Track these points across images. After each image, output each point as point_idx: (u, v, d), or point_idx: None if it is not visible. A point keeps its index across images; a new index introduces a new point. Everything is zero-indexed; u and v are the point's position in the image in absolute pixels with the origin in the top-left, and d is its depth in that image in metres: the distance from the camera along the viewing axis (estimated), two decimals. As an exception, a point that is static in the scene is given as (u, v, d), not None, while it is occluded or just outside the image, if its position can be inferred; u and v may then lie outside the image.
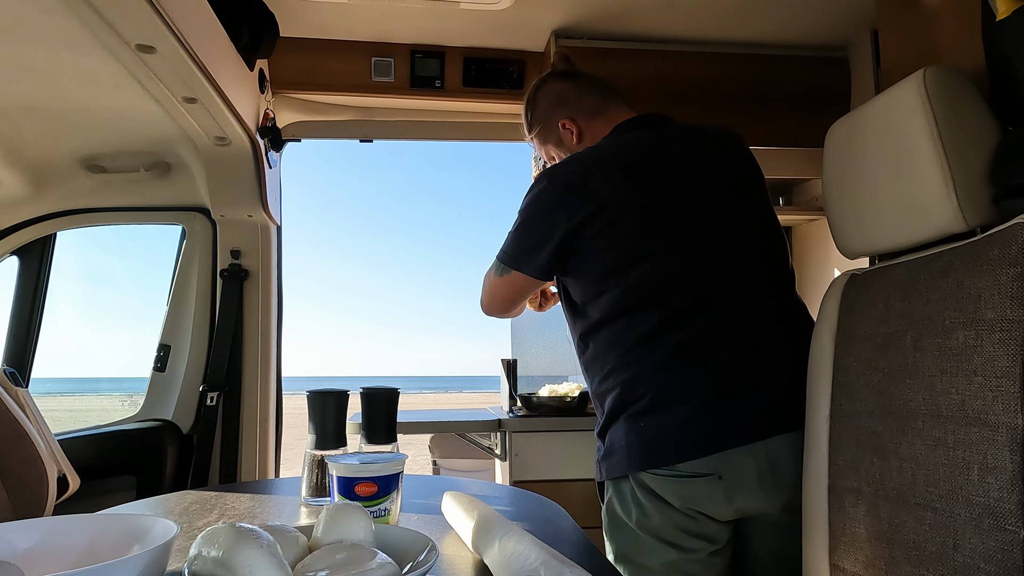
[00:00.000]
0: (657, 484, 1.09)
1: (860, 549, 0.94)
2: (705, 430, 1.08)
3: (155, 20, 1.04)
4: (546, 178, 1.22)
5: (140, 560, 0.51)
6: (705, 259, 1.16)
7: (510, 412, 2.03)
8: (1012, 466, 0.74)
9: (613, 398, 1.16)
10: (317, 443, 1.01)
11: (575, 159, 1.23)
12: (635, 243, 1.15)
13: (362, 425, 1.03)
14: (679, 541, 1.10)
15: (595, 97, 1.37)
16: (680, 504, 1.09)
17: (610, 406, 1.16)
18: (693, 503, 1.09)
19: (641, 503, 1.12)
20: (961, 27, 1.03)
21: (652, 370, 1.12)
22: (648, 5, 1.76)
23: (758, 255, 1.20)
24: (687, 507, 1.09)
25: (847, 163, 1.09)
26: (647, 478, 1.10)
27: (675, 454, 1.08)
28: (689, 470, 1.07)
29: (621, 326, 1.16)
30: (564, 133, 1.37)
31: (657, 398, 1.10)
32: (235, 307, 1.92)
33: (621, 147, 1.23)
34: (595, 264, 1.17)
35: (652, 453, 1.09)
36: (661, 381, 1.11)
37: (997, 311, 0.78)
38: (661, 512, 1.10)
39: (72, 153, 1.73)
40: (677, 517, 1.10)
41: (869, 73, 1.92)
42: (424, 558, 0.62)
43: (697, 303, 1.13)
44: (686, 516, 1.10)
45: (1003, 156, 0.89)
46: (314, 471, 1.01)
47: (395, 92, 1.97)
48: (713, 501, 1.08)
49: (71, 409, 14.10)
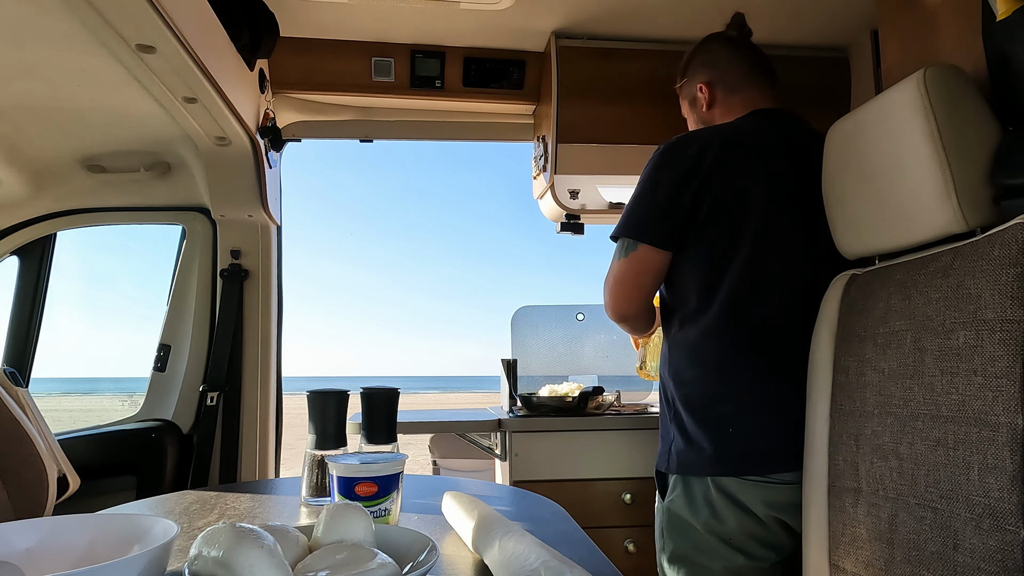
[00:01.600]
0: (742, 489, 1.10)
1: (860, 549, 0.94)
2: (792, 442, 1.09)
3: (155, 20, 1.04)
4: (675, 146, 1.22)
5: (140, 560, 0.51)
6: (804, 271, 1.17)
7: (510, 412, 2.03)
8: (1012, 466, 0.74)
9: (701, 395, 1.15)
10: (317, 443, 1.01)
11: (710, 132, 1.23)
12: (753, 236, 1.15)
13: (362, 425, 1.03)
14: (749, 548, 1.11)
15: (741, 72, 1.36)
16: (763, 512, 1.09)
17: (695, 402, 1.15)
18: (777, 510, 1.09)
19: (715, 506, 1.11)
20: (961, 27, 1.03)
21: (748, 375, 1.13)
22: (648, 5, 1.76)
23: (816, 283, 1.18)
24: (769, 514, 1.09)
25: (847, 163, 1.09)
26: (730, 482, 1.10)
27: (771, 464, 1.09)
28: (779, 478, 1.09)
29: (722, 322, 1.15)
30: (699, 96, 1.38)
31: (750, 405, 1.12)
32: (235, 307, 1.92)
33: (758, 131, 1.24)
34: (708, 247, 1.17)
35: (742, 461, 1.10)
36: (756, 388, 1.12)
37: (997, 311, 0.78)
38: (737, 518, 1.10)
39: (72, 153, 1.73)
40: (752, 524, 1.10)
41: (869, 73, 1.92)
42: (424, 558, 0.62)
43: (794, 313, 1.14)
44: (762, 524, 1.10)
45: (1003, 156, 0.89)
46: (314, 471, 1.01)
47: (395, 92, 1.97)
48: (797, 509, 1.09)
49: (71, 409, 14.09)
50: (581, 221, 2.06)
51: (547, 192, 1.98)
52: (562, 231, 2.07)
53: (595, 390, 1.99)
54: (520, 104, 2.04)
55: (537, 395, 2.01)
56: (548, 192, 1.97)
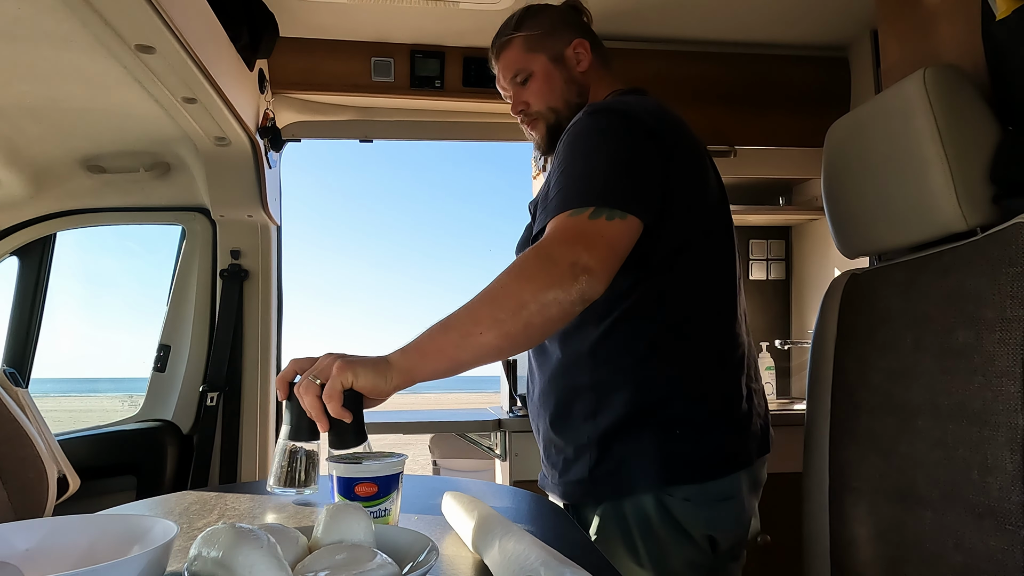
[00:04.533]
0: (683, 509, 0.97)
1: (860, 549, 0.94)
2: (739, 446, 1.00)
3: (155, 20, 1.04)
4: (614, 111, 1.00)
5: (140, 561, 0.51)
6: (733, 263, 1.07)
7: (510, 412, 2.03)
8: (1012, 466, 0.74)
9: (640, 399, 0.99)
10: (291, 433, 1.00)
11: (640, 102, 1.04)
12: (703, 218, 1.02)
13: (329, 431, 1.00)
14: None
15: (606, 52, 1.24)
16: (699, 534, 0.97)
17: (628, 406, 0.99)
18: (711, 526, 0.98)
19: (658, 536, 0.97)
20: (961, 27, 1.03)
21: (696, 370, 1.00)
22: (649, 5, 1.76)
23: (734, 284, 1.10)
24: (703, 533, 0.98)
25: (847, 163, 1.09)
26: (673, 503, 0.96)
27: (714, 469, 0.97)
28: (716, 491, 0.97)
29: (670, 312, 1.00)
30: (571, 55, 1.18)
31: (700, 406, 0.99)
32: (235, 307, 1.92)
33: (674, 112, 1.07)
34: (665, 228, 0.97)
35: (689, 466, 0.97)
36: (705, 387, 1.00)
37: (997, 311, 0.78)
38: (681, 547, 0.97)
39: (72, 153, 1.73)
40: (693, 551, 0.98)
41: (869, 73, 1.92)
42: (424, 558, 0.62)
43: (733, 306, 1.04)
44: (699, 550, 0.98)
45: (1003, 156, 0.89)
46: (286, 460, 1.00)
47: (395, 92, 1.97)
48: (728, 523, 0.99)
49: (71, 409, 14.08)
50: (581, 221, 2.06)
51: (547, 192, 1.98)
52: (562, 231, 2.07)
53: (595, 390, 1.99)
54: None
55: (537, 395, 2.01)
56: (548, 192, 1.97)
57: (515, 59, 1.21)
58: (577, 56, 1.19)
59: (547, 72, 1.19)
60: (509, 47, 1.22)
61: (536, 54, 1.19)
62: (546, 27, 1.20)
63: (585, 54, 1.19)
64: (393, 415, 2.12)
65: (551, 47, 1.19)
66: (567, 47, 1.19)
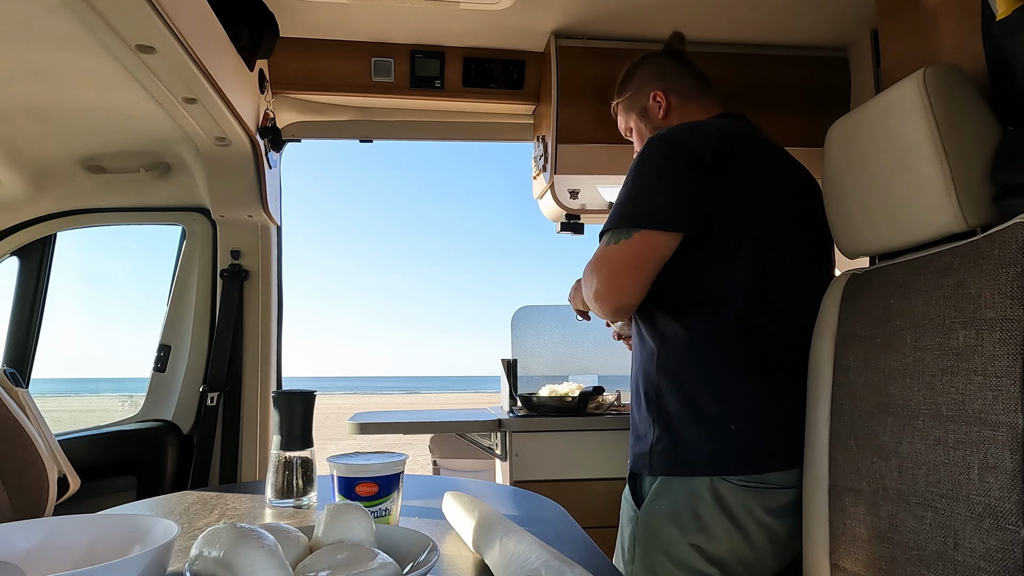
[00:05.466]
0: (737, 495, 1.06)
1: (860, 549, 0.94)
2: (797, 441, 1.09)
3: (155, 20, 1.04)
4: (669, 139, 1.14)
5: (141, 560, 0.51)
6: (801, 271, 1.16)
7: (510, 412, 2.03)
8: (1012, 465, 0.74)
9: (700, 393, 1.10)
10: (283, 444, 1.01)
11: (697, 126, 1.18)
12: (757, 229, 1.12)
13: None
14: (730, 567, 1.08)
15: (692, 82, 1.37)
16: (753, 524, 1.07)
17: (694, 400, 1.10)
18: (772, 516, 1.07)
19: (703, 517, 1.07)
20: (961, 27, 1.03)
21: (754, 373, 1.11)
22: (648, 5, 1.76)
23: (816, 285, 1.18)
24: (759, 526, 1.07)
25: (847, 163, 1.09)
26: (725, 487, 1.07)
27: (768, 463, 1.08)
28: (776, 481, 1.08)
29: (727, 319, 1.10)
30: (652, 105, 1.36)
31: (757, 403, 1.10)
32: (235, 307, 1.92)
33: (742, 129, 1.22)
34: (714, 239, 1.11)
35: (743, 458, 1.08)
36: (763, 387, 1.10)
37: (997, 311, 0.78)
38: (727, 532, 1.07)
39: (72, 153, 1.73)
40: (739, 541, 1.07)
41: (869, 73, 1.92)
42: (425, 558, 0.62)
43: (795, 312, 1.13)
44: (749, 541, 1.07)
45: (1003, 156, 0.89)
46: (280, 472, 1.01)
47: (395, 92, 1.97)
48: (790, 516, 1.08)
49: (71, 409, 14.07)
50: (581, 221, 2.06)
51: (547, 192, 1.98)
52: (562, 231, 2.07)
53: (595, 390, 1.99)
54: (520, 104, 2.04)
55: (537, 395, 2.01)
56: (548, 192, 1.98)
57: (620, 120, 1.47)
58: (657, 105, 1.36)
59: (638, 127, 1.41)
60: (618, 110, 1.46)
61: (630, 113, 1.42)
62: (635, 87, 1.40)
63: (663, 100, 1.36)
64: (393, 415, 2.12)
65: (638, 104, 1.40)
66: (649, 101, 1.37)
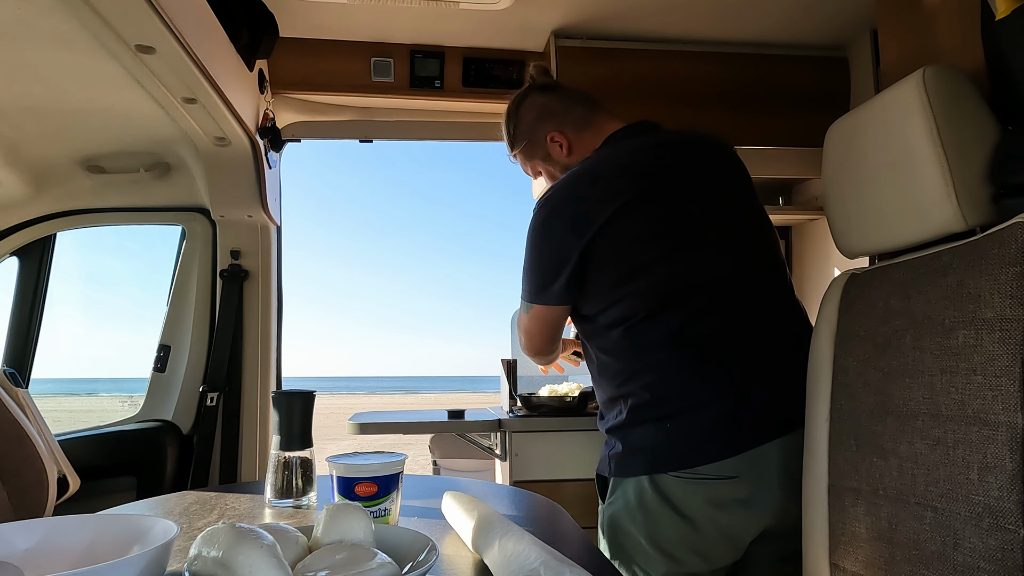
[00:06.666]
0: (679, 488, 1.08)
1: (860, 549, 0.94)
2: (731, 431, 1.09)
3: (155, 20, 1.04)
4: (546, 207, 1.20)
5: (140, 560, 0.51)
6: (714, 261, 1.17)
7: (510, 412, 2.03)
8: (1012, 465, 0.74)
9: (636, 400, 1.14)
10: (283, 444, 1.01)
11: (573, 180, 1.21)
12: (649, 247, 1.15)
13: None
14: (680, 555, 1.10)
15: (582, 109, 1.34)
16: (700, 514, 1.08)
17: (632, 407, 1.15)
18: (717, 508, 1.08)
19: (649, 509, 1.10)
20: (961, 27, 1.03)
21: (678, 372, 1.12)
22: (648, 5, 1.76)
23: (759, 256, 1.21)
24: (706, 516, 1.08)
25: (847, 163, 1.09)
26: (667, 481, 1.09)
27: (702, 455, 1.08)
28: (712, 473, 1.07)
29: (641, 330, 1.15)
30: (553, 147, 1.34)
31: (685, 400, 1.11)
32: (235, 307, 1.92)
33: (618, 157, 1.23)
34: (609, 273, 1.16)
35: (676, 454, 1.09)
36: (688, 383, 1.11)
37: (997, 310, 0.78)
38: (672, 521, 1.09)
39: (72, 153, 1.73)
40: (685, 529, 1.09)
41: (869, 73, 1.92)
42: (424, 558, 0.62)
43: (712, 305, 1.14)
44: (696, 529, 1.09)
45: (1003, 156, 0.89)
46: (280, 472, 1.01)
47: (395, 92, 1.97)
48: (735, 505, 1.08)
49: (71, 409, 14.07)
50: (581, 221, 2.06)
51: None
52: (562, 231, 2.07)
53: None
54: (520, 104, 2.04)
55: (537, 395, 2.01)
56: (548, 192, 1.98)
57: (525, 168, 1.45)
58: (557, 146, 1.34)
59: (546, 169, 1.40)
60: (518, 159, 1.44)
61: (533, 160, 1.40)
62: (527, 135, 1.38)
63: (562, 140, 1.34)
64: (393, 415, 2.12)
65: (538, 150, 1.37)
66: (548, 145, 1.35)
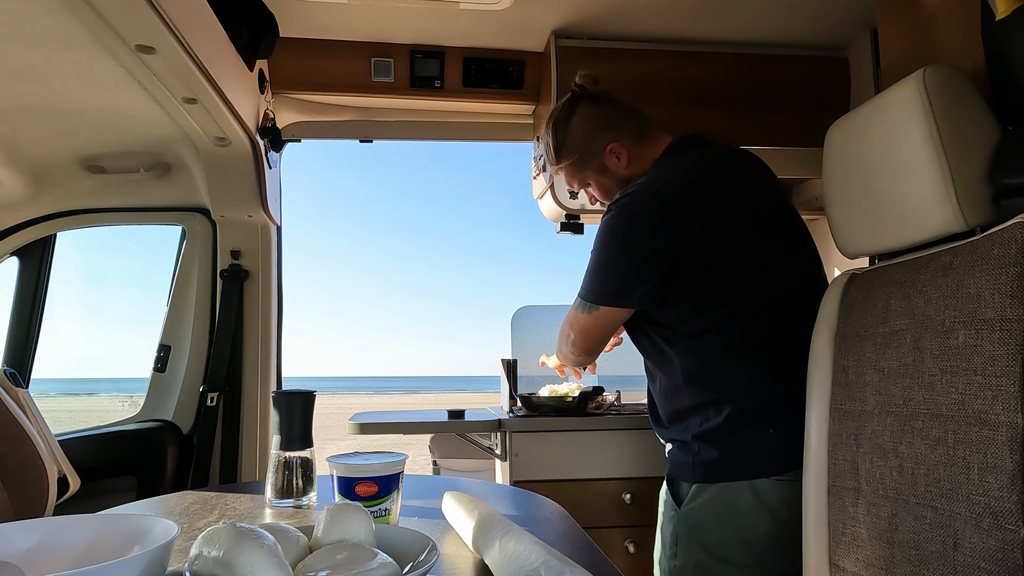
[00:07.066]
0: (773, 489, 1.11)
1: (860, 549, 0.94)
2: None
3: (155, 20, 1.04)
4: (630, 210, 1.18)
5: (140, 560, 0.51)
6: (794, 269, 1.22)
7: (510, 412, 2.03)
8: (1012, 465, 0.74)
9: (734, 406, 1.15)
10: (283, 444, 1.01)
11: (660, 186, 1.19)
12: (744, 256, 1.17)
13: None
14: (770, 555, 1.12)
15: (637, 119, 1.33)
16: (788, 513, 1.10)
17: (730, 414, 1.15)
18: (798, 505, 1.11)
19: (743, 512, 1.12)
20: (961, 27, 1.03)
21: (779, 378, 1.15)
22: (648, 5, 1.76)
23: (815, 262, 1.27)
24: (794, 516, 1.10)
25: (847, 163, 1.09)
26: (764, 483, 1.12)
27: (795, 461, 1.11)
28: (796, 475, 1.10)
29: (737, 337, 1.16)
30: (610, 158, 1.30)
31: (786, 405, 1.13)
32: (235, 307, 1.92)
33: (699, 166, 1.23)
34: (703, 280, 1.16)
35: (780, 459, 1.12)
36: (790, 389, 1.14)
37: (997, 310, 0.78)
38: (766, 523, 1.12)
39: (72, 153, 1.73)
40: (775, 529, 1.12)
41: (869, 73, 1.92)
42: (424, 558, 0.62)
43: (798, 311, 1.17)
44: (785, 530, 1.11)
45: (1003, 156, 0.89)
46: (280, 472, 1.01)
47: (395, 92, 1.97)
48: None
49: (71, 409, 14.07)
50: (581, 221, 2.06)
51: (547, 192, 1.98)
52: (562, 231, 2.07)
53: (595, 390, 1.99)
54: (520, 104, 2.04)
55: (537, 395, 2.01)
56: (548, 192, 1.97)
57: (570, 181, 1.38)
58: (615, 157, 1.30)
59: (598, 181, 1.34)
60: (561, 173, 1.38)
61: (584, 172, 1.34)
62: (580, 147, 1.31)
63: (621, 150, 1.29)
64: (393, 415, 2.12)
65: (592, 160, 1.32)
66: (605, 156, 1.30)
